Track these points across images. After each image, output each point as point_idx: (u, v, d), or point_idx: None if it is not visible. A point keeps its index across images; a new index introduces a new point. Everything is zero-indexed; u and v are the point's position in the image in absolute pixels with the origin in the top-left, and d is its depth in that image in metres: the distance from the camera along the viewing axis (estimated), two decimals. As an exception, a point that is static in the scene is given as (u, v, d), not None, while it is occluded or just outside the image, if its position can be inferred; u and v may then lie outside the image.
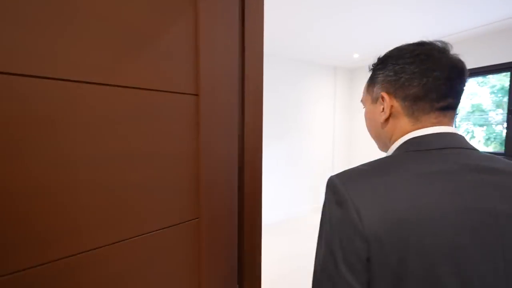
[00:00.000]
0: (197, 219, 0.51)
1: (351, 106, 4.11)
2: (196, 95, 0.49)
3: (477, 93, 3.64)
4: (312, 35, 2.79)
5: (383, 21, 2.37)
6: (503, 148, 4.77)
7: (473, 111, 3.91)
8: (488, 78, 3.25)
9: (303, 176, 3.80)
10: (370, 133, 0.61)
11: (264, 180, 3.23)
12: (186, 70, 0.48)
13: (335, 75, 3.98)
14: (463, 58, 0.50)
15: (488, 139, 4.28)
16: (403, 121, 0.50)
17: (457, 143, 0.46)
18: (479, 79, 3.25)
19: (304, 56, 3.50)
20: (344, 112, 4.07)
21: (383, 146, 0.58)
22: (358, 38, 2.86)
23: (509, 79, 3.21)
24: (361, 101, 0.62)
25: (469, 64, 0.52)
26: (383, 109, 0.52)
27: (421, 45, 0.50)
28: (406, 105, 0.49)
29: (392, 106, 0.51)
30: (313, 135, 3.83)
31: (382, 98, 0.52)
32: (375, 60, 0.57)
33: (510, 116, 2.53)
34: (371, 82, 0.57)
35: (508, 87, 2.96)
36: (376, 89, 0.54)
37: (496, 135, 4.45)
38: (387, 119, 0.52)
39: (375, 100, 0.55)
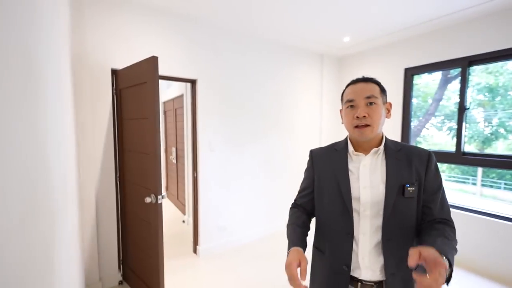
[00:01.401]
0: None
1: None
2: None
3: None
4: (296, 10, 2.31)
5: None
6: (481, 145, 4.95)
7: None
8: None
9: (284, 183, 3.35)
10: (376, 124, 0.84)
11: (237, 190, 2.94)
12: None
13: (321, 64, 3.62)
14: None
15: (471, 137, 4.45)
16: None
17: None
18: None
19: (285, 38, 3.02)
20: (333, 109, 3.81)
21: (372, 134, 0.86)
22: (350, 16, 2.46)
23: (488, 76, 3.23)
24: (373, 96, 0.85)
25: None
26: (388, 111, 0.91)
27: None
28: None
29: (390, 112, 0.92)
30: (297, 135, 3.43)
31: (389, 106, 0.91)
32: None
33: (460, 113, 2.53)
34: (384, 92, 0.89)
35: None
36: (385, 98, 0.90)
37: (478, 133, 4.64)
38: (387, 119, 0.92)
39: (384, 103, 0.88)
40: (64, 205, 1.16)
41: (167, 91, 4.58)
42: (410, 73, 3.01)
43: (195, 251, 2.79)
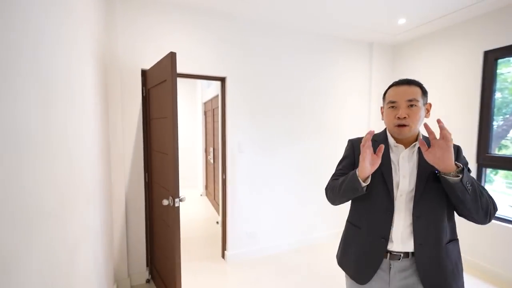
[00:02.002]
0: None
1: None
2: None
3: None
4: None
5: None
6: None
7: None
8: None
9: (321, 191, 3.09)
10: (414, 124, 0.93)
11: (269, 195, 2.63)
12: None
13: (371, 54, 3.13)
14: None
15: None
16: None
17: None
18: None
19: (327, 26, 2.63)
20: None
21: (410, 133, 0.95)
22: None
23: None
24: (415, 99, 0.92)
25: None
26: (427, 111, 0.98)
27: None
28: None
29: (430, 112, 0.99)
30: (341, 135, 3.00)
31: (429, 106, 0.98)
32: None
33: None
34: (425, 94, 0.96)
35: None
36: (426, 99, 0.96)
37: None
38: (426, 119, 0.98)
39: (424, 105, 0.96)
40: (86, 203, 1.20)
41: (207, 91, 4.64)
42: (492, 57, 2.33)
43: (223, 255, 2.67)
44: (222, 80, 2.50)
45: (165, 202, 1.68)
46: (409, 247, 0.94)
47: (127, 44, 2.07)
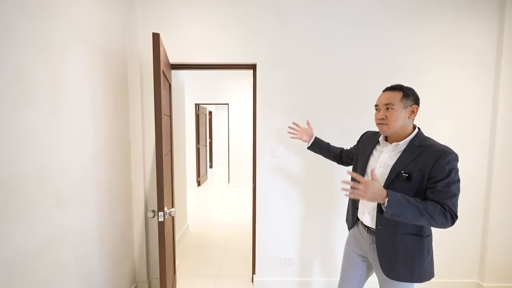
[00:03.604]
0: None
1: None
2: None
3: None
4: None
5: None
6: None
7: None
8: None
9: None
10: (391, 124, 1.09)
11: (313, 214, 2.02)
12: None
13: (500, 16, 1.90)
14: None
15: None
16: (412, 122, 1.12)
17: None
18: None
19: None
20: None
21: (396, 132, 1.11)
22: None
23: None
24: (391, 103, 1.08)
25: None
26: (411, 113, 1.09)
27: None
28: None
29: (415, 113, 1.10)
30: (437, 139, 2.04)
31: (415, 108, 1.09)
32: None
33: None
34: (407, 96, 1.09)
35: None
36: (409, 101, 1.08)
37: None
38: (410, 119, 1.10)
39: (405, 107, 1.08)
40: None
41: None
42: None
43: (252, 279, 2.24)
44: (253, 68, 2.05)
45: (150, 214, 1.42)
46: (373, 225, 1.17)
47: (148, 37, 1.95)
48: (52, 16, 1.20)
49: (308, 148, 1.60)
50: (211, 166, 8.40)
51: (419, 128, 1.12)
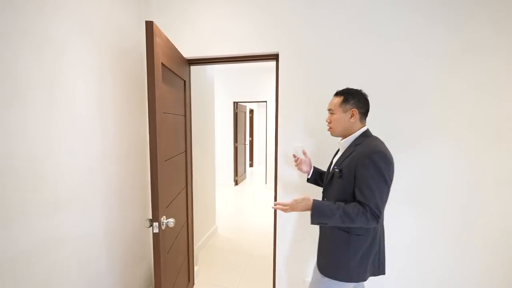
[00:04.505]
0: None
1: None
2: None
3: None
4: None
5: None
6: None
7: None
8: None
9: (468, 234, 1.51)
10: (335, 126, 1.19)
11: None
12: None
13: None
14: None
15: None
16: (359, 123, 1.17)
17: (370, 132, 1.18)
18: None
19: None
20: None
21: (341, 134, 1.19)
22: None
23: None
24: (331, 108, 1.20)
25: None
26: (351, 116, 1.14)
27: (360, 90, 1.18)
28: (360, 117, 1.15)
29: (355, 116, 1.14)
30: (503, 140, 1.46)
31: (354, 112, 1.14)
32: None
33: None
34: (347, 101, 1.15)
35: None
36: (349, 105, 1.15)
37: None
38: (352, 121, 1.15)
39: (345, 111, 1.15)
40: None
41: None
42: None
43: (272, 300, 1.98)
44: (275, 59, 1.77)
45: (146, 224, 1.28)
46: None
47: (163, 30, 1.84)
48: (50, 10, 1.15)
49: (308, 180, 1.46)
50: (251, 165, 8.33)
51: (367, 129, 1.17)
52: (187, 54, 1.82)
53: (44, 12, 1.12)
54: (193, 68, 2.39)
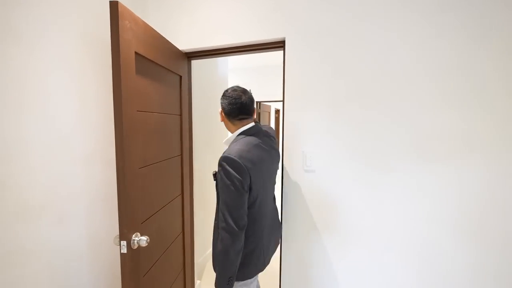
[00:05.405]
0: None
1: None
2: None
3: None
4: None
5: None
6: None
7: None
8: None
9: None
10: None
11: (367, 271, 1.27)
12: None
13: None
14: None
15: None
16: (231, 124, 1.21)
17: (258, 129, 1.16)
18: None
19: None
20: None
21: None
22: None
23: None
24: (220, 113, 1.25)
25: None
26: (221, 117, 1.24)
27: (234, 90, 1.18)
28: (230, 118, 1.19)
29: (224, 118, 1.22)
30: None
31: (221, 113, 1.24)
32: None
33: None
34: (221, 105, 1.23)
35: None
36: (221, 108, 1.22)
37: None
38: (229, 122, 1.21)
39: (221, 113, 1.25)
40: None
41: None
42: None
43: (278, 331, 1.68)
44: (282, 46, 1.48)
45: (115, 241, 1.10)
46: None
47: (159, 25, 1.67)
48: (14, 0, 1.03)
49: None
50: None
51: (243, 132, 1.15)
52: (185, 46, 1.62)
53: (7, 3, 1.00)
54: (201, 65, 2.20)
